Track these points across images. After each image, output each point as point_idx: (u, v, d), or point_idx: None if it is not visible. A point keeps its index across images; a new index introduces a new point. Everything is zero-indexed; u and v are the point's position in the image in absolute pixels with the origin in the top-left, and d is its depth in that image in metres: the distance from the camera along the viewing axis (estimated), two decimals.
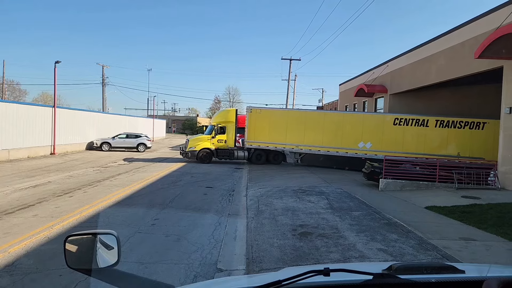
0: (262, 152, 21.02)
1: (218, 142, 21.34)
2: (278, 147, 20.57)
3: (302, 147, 20.16)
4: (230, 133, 21.49)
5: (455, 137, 18.34)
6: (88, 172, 15.21)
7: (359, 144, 19.24)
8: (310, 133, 19.85)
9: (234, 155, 21.33)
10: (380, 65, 22.18)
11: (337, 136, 19.50)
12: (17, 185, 11.46)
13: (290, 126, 20.18)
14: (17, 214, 7.92)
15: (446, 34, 15.40)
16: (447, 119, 18.42)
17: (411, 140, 18.69)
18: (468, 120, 18.20)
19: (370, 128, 19.30)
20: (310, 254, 5.69)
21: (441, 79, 15.80)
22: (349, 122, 19.82)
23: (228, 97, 79.16)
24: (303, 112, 22.39)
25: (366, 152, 19.09)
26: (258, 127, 20.46)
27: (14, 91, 58.75)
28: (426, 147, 18.45)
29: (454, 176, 12.71)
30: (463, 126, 18.23)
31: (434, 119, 18.57)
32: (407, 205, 10.32)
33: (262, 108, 21.46)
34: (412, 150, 18.42)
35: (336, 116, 20.90)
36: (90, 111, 33.50)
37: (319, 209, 8.95)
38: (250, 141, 20.64)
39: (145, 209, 8.86)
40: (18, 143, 19.35)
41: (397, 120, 18.90)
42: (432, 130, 18.53)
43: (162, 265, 5.25)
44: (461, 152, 17.74)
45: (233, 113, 22.14)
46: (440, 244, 6.32)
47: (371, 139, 19.14)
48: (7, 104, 19.96)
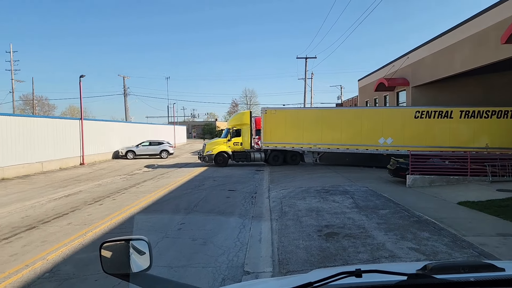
0: (279, 153, 20.87)
1: (234, 145, 21.44)
2: (296, 147, 20.35)
3: (320, 146, 19.83)
4: (246, 135, 21.55)
5: (482, 127, 17.42)
6: (115, 180, 15.68)
7: (379, 140, 18.72)
8: (327, 131, 19.52)
9: (250, 157, 21.36)
10: (400, 57, 21.57)
11: (356, 133, 19.07)
12: (52, 195, 11.96)
13: (306, 125, 19.92)
14: (53, 223, 8.28)
15: (469, 21, 14.80)
16: (473, 109, 17.54)
17: (435, 133, 17.94)
18: (495, 109, 17.28)
19: (390, 123, 18.73)
20: (338, 255, 5.63)
21: (465, 68, 15.18)
22: (368, 117, 19.32)
23: (245, 99, 79.46)
24: (319, 110, 22.07)
25: (387, 148, 18.56)
26: (274, 128, 20.31)
27: (43, 106, 61.36)
28: (452, 140, 17.64)
29: (487, 169, 12.19)
30: (490, 116, 17.34)
31: (459, 110, 17.73)
32: (437, 201, 10.01)
33: (277, 108, 21.27)
34: (436, 144, 17.63)
35: (354, 112, 20.46)
36: (114, 121, 34.54)
37: (344, 209, 8.84)
38: (267, 142, 20.50)
39: (171, 214, 9.05)
40: (50, 155, 20.20)
41: (418, 113, 18.20)
42: (456, 122, 17.76)
43: (190, 269, 5.34)
44: (489, 143, 16.91)
45: (248, 115, 22.22)
46: (476, 241, 6.09)
47: (392, 135, 18.58)
48: (38, 119, 20.89)
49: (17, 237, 7.17)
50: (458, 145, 17.31)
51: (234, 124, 21.99)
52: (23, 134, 18.09)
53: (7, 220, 8.62)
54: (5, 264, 5.67)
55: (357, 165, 19.07)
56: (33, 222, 8.36)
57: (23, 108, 56.01)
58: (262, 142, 20.74)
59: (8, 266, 5.58)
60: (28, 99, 54.26)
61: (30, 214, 9.21)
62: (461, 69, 15.47)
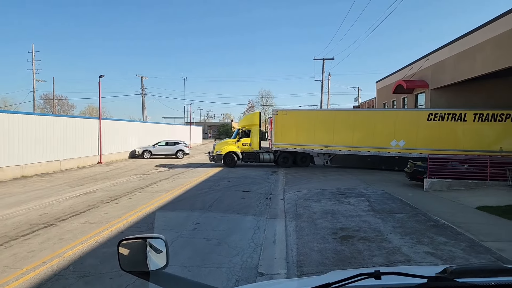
0: (288, 154, 20.76)
1: (243, 145, 21.48)
2: (306, 149, 20.22)
3: (332, 148, 19.66)
4: (255, 136, 21.55)
5: (496, 131, 17.15)
6: (131, 180, 15.91)
7: (391, 142, 18.53)
8: (339, 133, 19.37)
9: (259, 158, 21.32)
10: (420, 59, 21.16)
11: (368, 135, 18.89)
12: (69, 194, 12.23)
13: (318, 127, 19.81)
14: (70, 221, 8.45)
15: (491, 22, 14.43)
16: (486, 112, 17.25)
17: (448, 136, 17.68)
18: (510, 112, 16.96)
19: (403, 125, 18.54)
20: (353, 258, 5.56)
21: (487, 70, 14.78)
22: (380, 120, 19.16)
23: (261, 100, 79.60)
24: (331, 111, 21.93)
25: (399, 151, 18.39)
26: (285, 129, 20.24)
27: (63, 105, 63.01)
28: (465, 143, 17.35)
29: (507, 173, 11.86)
30: (504, 119, 17.05)
31: (472, 112, 17.45)
32: (455, 205, 9.77)
33: (288, 109, 21.23)
34: (450, 147, 17.34)
35: (366, 114, 20.31)
36: (131, 121, 35.10)
37: (359, 212, 8.72)
38: (277, 143, 20.44)
39: (186, 214, 9.11)
40: (68, 154, 20.67)
41: (431, 116, 17.99)
42: (470, 125, 17.49)
43: (204, 269, 5.36)
44: (503, 146, 16.57)
45: (257, 116, 22.25)
46: (494, 247, 5.93)
47: (404, 137, 18.39)
48: (57, 118, 21.40)
49: (34, 234, 7.35)
50: (471, 148, 16.98)
51: (244, 125, 22.08)
52: (42, 133, 18.57)
53: (25, 217, 8.85)
54: (23, 261, 5.81)
55: (368, 167, 18.87)
56: (50, 220, 8.55)
57: (43, 107, 57.63)
58: (272, 143, 20.71)
59: (25, 263, 5.72)
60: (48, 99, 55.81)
61: (48, 212, 9.43)
62: (482, 71, 15.08)
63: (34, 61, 40.38)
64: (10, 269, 5.47)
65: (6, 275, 5.22)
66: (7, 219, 8.71)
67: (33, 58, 40.27)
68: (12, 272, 5.32)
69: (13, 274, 5.26)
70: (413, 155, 17.54)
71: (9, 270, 5.41)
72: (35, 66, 40.50)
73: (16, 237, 7.14)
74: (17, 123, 16.79)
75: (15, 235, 7.31)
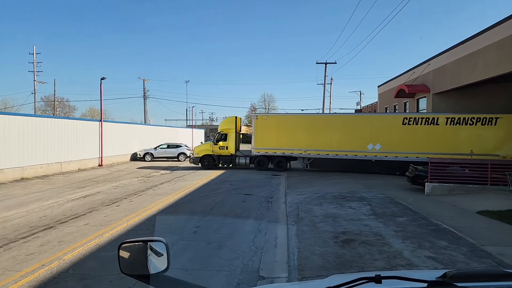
0: (264, 158, 21.02)
1: (219, 149, 21.79)
2: (286, 153, 20.51)
3: (310, 152, 19.98)
4: (231, 140, 21.83)
5: (468, 134, 17.67)
6: (132, 182, 15.90)
7: (368, 146, 18.94)
8: (318, 137, 19.77)
9: (235, 161, 21.64)
10: (421, 64, 21.22)
11: (346, 139, 19.36)
12: (69, 196, 12.22)
13: (297, 131, 20.18)
14: (70, 223, 8.43)
15: (493, 27, 14.46)
16: (458, 116, 17.86)
17: (422, 139, 18.19)
18: (480, 116, 17.52)
19: (379, 129, 19.05)
20: (354, 262, 5.53)
21: (489, 75, 14.81)
22: (358, 124, 19.67)
23: (264, 104, 79.73)
24: (310, 116, 22.27)
25: (376, 154, 18.87)
26: (265, 133, 20.56)
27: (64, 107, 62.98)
28: (438, 146, 17.88)
29: (507, 178, 11.84)
30: (475, 123, 17.59)
31: (445, 117, 18.08)
32: (456, 209, 9.75)
33: (268, 114, 21.62)
34: (424, 150, 17.96)
35: (344, 119, 20.82)
36: (133, 123, 35.09)
37: (361, 216, 8.70)
38: (258, 148, 20.74)
39: (187, 217, 9.09)
40: (69, 156, 20.68)
41: (406, 120, 18.55)
42: (443, 128, 18.01)
43: (205, 272, 5.34)
44: (474, 149, 17.15)
45: (233, 120, 22.47)
46: (494, 251, 5.92)
47: (381, 141, 18.83)
48: (58, 120, 21.42)
49: (34, 237, 7.33)
50: (444, 151, 17.59)
51: (222, 129, 22.44)
52: (43, 135, 18.59)
53: (25, 219, 8.83)
54: (22, 263, 5.79)
55: (346, 171, 19.27)
56: (50, 222, 8.54)
57: (44, 109, 57.60)
58: (253, 147, 20.97)
59: (25, 265, 5.70)
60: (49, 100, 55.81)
61: (48, 214, 9.42)
62: (484, 76, 15.11)
63: (36, 62, 40.54)
64: (9, 271, 5.45)
65: (5, 278, 5.20)
66: (7, 221, 8.70)
67: (34, 60, 40.41)
68: (11, 275, 5.30)
69: (12, 276, 5.24)
70: (389, 158, 18.41)
71: (8, 273, 5.39)
72: (36, 68, 40.65)
73: (15, 240, 7.12)
74: (17, 125, 16.82)
75: (14, 237, 7.30)
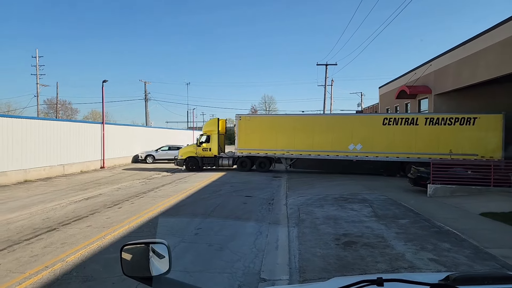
0: (246, 159, 21.19)
1: (203, 150, 21.89)
2: (269, 153, 20.65)
3: (293, 152, 20.17)
4: (214, 141, 21.92)
5: (446, 134, 17.91)
6: (134, 184, 15.93)
7: (349, 146, 19.16)
8: (300, 138, 19.93)
9: (218, 162, 21.80)
10: (423, 64, 21.19)
11: (328, 140, 19.54)
12: (72, 198, 12.26)
13: (280, 132, 20.34)
14: (73, 225, 8.46)
15: (494, 28, 14.42)
16: (437, 116, 18.18)
17: (402, 139, 18.45)
18: (458, 116, 17.83)
19: (360, 129, 19.25)
20: (356, 264, 5.52)
21: (490, 76, 14.75)
22: (339, 124, 19.82)
23: (264, 106, 79.63)
24: (293, 117, 22.44)
25: (357, 154, 19.09)
26: (248, 134, 20.70)
27: (66, 110, 63.26)
28: (418, 146, 18.18)
29: (511, 179, 11.77)
30: (453, 123, 17.85)
31: (424, 117, 18.40)
32: (459, 211, 9.71)
33: (251, 115, 21.67)
34: (403, 150, 18.30)
35: (326, 119, 21.00)
36: (134, 125, 35.20)
37: (362, 217, 8.68)
38: (241, 149, 20.89)
39: (188, 219, 9.10)
40: (72, 158, 20.75)
41: (386, 120, 18.82)
42: (422, 129, 18.23)
43: (206, 274, 5.35)
44: (453, 149, 17.45)
45: (215, 122, 22.57)
46: (498, 253, 5.88)
47: (361, 141, 19.04)
48: (61, 122, 21.54)
49: (37, 239, 7.36)
50: (424, 151, 17.92)
51: (206, 131, 22.51)
52: (45, 137, 18.67)
53: (29, 221, 8.87)
54: (25, 265, 5.82)
55: (328, 171, 19.52)
56: (53, 224, 8.57)
57: (47, 112, 57.90)
58: (236, 149, 21.11)
59: (28, 267, 5.72)
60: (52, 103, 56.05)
61: (51, 216, 9.45)
62: (486, 77, 15.06)
63: (38, 66, 40.73)
64: (13, 273, 5.48)
65: (9, 279, 5.22)
66: (10, 223, 8.74)
67: (37, 63, 40.59)
68: (15, 277, 5.33)
69: (16, 278, 5.27)
70: (370, 159, 18.71)
71: (12, 274, 5.42)
72: (39, 71, 40.83)
73: (19, 241, 7.15)
74: (20, 128, 16.90)
75: (18, 239, 7.33)
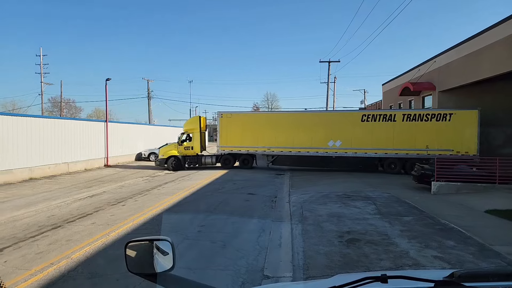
0: (229, 156, 21.30)
1: (185, 149, 21.67)
2: (251, 151, 20.76)
3: (274, 149, 20.31)
4: (196, 140, 21.74)
5: (423, 130, 18.19)
6: (138, 182, 15.99)
7: (329, 142, 19.37)
8: (281, 135, 20.04)
9: (201, 161, 21.71)
10: (427, 61, 21.03)
11: (308, 136, 19.69)
12: (76, 196, 12.33)
13: (261, 129, 20.43)
14: (77, 223, 8.52)
15: (500, 24, 14.28)
16: (414, 112, 18.56)
17: (380, 136, 18.69)
18: (435, 112, 18.18)
19: (340, 126, 19.45)
20: (359, 261, 5.52)
21: (495, 72, 14.61)
22: (319, 121, 19.96)
23: (267, 103, 79.39)
24: (273, 114, 22.54)
25: (336, 151, 19.33)
26: (230, 132, 20.74)
27: (70, 108, 63.38)
28: (396, 142, 18.44)
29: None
30: (430, 119, 18.14)
31: (401, 113, 18.75)
32: (463, 209, 9.67)
33: (232, 112, 21.57)
34: (382, 146, 18.59)
35: (306, 116, 21.05)
36: (137, 123, 35.26)
37: (366, 215, 8.67)
38: (223, 146, 20.95)
39: (191, 216, 9.13)
40: (76, 156, 20.86)
41: (365, 116, 19.08)
42: (400, 125, 18.50)
43: (209, 271, 5.36)
44: (429, 145, 17.82)
45: (197, 120, 22.40)
46: (503, 251, 5.86)
47: (341, 137, 19.26)
48: (65, 120, 21.61)
49: (43, 236, 7.41)
50: (402, 147, 18.32)
51: (187, 129, 22.30)
52: (50, 136, 18.77)
53: (34, 219, 8.93)
54: (31, 262, 5.87)
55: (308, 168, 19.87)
56: (58, 221, 8.63)
57: (51, 110, 58.07)
58: (218, 146, 21.12)
59: (34, 264, 5.77)
60: (56, 102, 56.24)
61: (56, 214, 9.52)
62: (490, 74, 14.93)
63: (42, 64, 40.90)
64: (19, 270, 5.53)
65: (15, 276, 5.27)
66: (16, 220, 8.81)
67: (41, 62, 40.77)
68: (21, 273, 5.37)
69: (22, 275, 5.31)
70: (349, 155, 18.99)
71: (18, 271, 5.46)
72: (43, 70, 41.00)
73: (25, 239, 7.21)
74: (25, 126, 17.00)
75: (23, 236, 7.39)
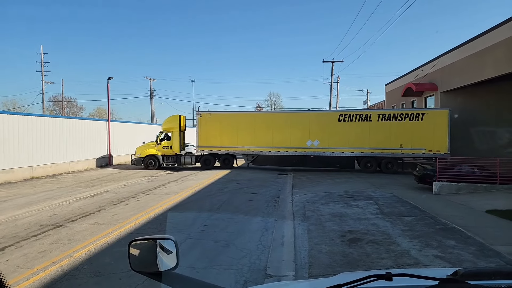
0: (210, 156, 21.21)
1: (163, 148, 21.39)
2: (230, 151, 20.74)
3: (254, 149, 20.36)
4: (175, 139, 21.46)
5: (397, 129, 18.60)
6: (140, 181, 16.02)
7: (307, 142, 19.53)
8: (260, 135, 20.09)
9: (181, 161, 21.43)
10: (430, 61, 20.99)
11: (286, 136, 19.81)
12: (78, 195, 12.36)
13: (240, 129, 20.43)
14: (80, 222, 8.54)
15: (505, 23, 14.23)
16: (389, 112, 18.97)
17: (357, 135, 18.96)
18: (408, 112, 18.70)
19: (317, 126, 19.63)
20: (361, 260, 5.54)
21: (499, 73, 14.55)
22: (297, 121, 20.07)
23: (270, 103, 79.33)
24: (252, 113, 22.42)
25: (314, 150, 19.52)
26: (209, 132, 20.68)
27: (72, 107, 63.42)
28: (371, 142, 18.75)
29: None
30: (404, 119, 18.50)
31: (377, 113, 19.11)
32: (464, 209, 9.68)
33: (212, 112, 21.51)
34: (358, 145, 18.87)
35: (284, 116, 21.17)
36: (140, 123, 35.29)
37: (368, 215, 8.68)
38: (202, 146, 20.87)
39: (194, 216, 9.15)
40: (78, 155, 20.91)
41: (342, 116, 19.31)
42: (375, 124, 18.82)
43: (212, 270, 5.38)
44: (403, 144, 18.22)
45: (177, 119, 22.07)
46: (503, 250, 5.87)
47: (319, 137, 19.44)
48: (67, 119, 21.66)
49: (45, 235, 7.44)
50: (377, 146, 18.70)
51: (166, 128, 22.02)
52: (52, 134, 18.81)
53: (36, 218, 8.96)
54: (33, 261, 5.89)
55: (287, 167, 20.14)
56: (60, 221, 8.65)
57: (52, 109, 58.06)
58: (197, 146, 21.02)
59: (36, 263, 5.79)
60: (57, 100, 56.25)
61: (58, 213, 9.55)
62: (494, 74, 14.89)
63: (43, 62, 40.92)
64: (21, 268, 5.55)
65: (17, 275, 5.29)
66: (18, 219, 8.84)
67: (42, 60, 40.75)
68: (23, 272, 5.40)
69: (24, 273, 5.34)
70: (326, 154, 19.23)
71: (20, 270, 5.49)
72: (44, 68, 41.03)
73: (26, 238, 7.24)
74: (26, 125, 17.04)
75: (25, 235, 7.42)
